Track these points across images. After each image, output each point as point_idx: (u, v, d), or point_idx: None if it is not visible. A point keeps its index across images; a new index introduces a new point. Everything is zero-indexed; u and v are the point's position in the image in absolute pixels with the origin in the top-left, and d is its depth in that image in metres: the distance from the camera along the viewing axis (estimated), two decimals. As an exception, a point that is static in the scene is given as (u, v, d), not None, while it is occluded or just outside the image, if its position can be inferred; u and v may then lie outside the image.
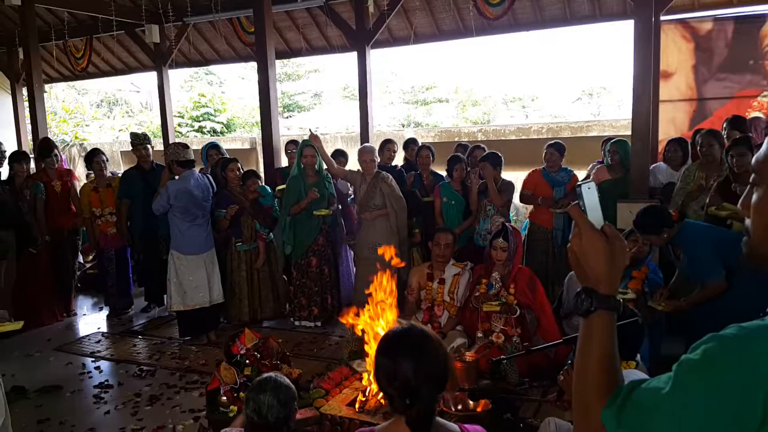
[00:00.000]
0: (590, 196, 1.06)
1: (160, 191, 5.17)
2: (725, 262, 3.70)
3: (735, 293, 3.60)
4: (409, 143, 6.51)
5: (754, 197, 0.95)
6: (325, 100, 20.94)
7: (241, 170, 5.73)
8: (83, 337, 5.64)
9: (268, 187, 5.81)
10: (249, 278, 5.65)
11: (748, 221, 0.97)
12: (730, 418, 0.83)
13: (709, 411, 0.84)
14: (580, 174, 5.91)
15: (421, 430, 1.56)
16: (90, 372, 4.75)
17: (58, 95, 17.57)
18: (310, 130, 5.54)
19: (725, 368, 0.83)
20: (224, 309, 5.64)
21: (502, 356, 3.48)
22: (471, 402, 3.29)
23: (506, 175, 5.56)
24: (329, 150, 6.25)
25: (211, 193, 5.37)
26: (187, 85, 20.66)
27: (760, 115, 5.73)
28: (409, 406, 1.56)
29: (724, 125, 5.02)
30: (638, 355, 2.78)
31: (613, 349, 1.01)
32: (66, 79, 11.16)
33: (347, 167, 6.03)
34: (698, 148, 4.74)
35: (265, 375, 2.30)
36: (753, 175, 0.96)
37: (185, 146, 5.26)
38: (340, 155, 6.26)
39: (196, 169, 5.42)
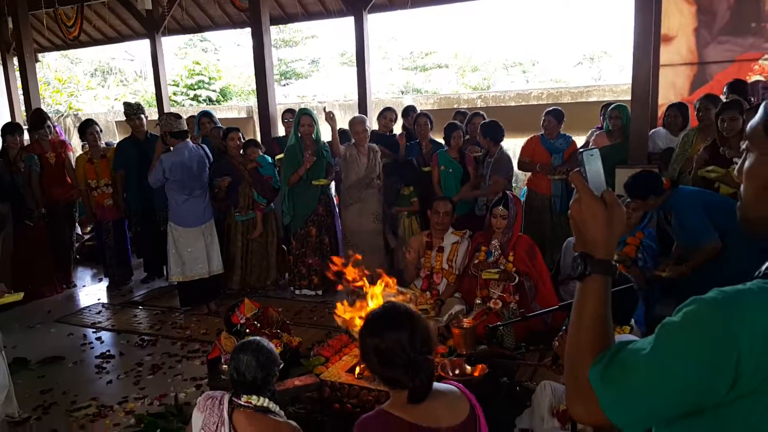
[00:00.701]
0: (592, 163, 1.06)
1: (155, 164, 5.12)
2: (716, 224, 3.74)
3: (729, 257, 3.62)
4: (408, 111, 6.44)
5: (746, 163, 0.97)
6: (323, 67, 20.69)
7: (242, 139, 5.69)
8: (84, 309, 5.67)
9: (268, 157, 5.77)
10: (245, 248, 5.67)
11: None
12: (704, 378, 0.86)
13: (684, 371, 0.87)
14: (579, 140, 5.86)
15: (422, 398, 1.59)
16: (91, 343, 4.79)
17: (51, 65, 17.32)
18: (325, 110, 5.47)
19: (702, 330, 0.86)
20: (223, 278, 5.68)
21: (499, 323, 3.50)
22: (468, 367, 3.33)
23: (506, 142, 5.50)
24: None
25: (207, 165, 5.32)
26: (181, 52, 20.37)
27: (762, 78, 5.66)
28: (413, 379, 1.57)
29: (725, 89, 4.96)
30: (633, 320, 2.80)
31: (607, 312, 1.04)
32: (58, 48, 10.98)
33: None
34: (696, 113, 4.71)
35: (251, 338, 2.34)
36: (746, 142, 0.98)
37: (177, 116, 5.18)
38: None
39: (190, 141, 5.36)
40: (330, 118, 5.35)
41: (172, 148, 5.10)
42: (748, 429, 0.88)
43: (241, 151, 5.66)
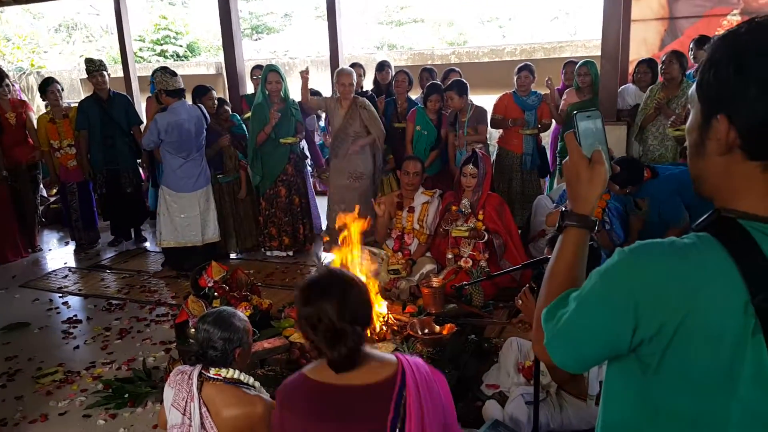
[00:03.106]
0: (585, 124, 1.12)
1: (148, 125, 4.89)
2: (686, 201, 3.81)
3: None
4: (383, 65, 6.28)
5: (687, 122, 1.00)
6: (296, 21, 20.14)
7: (215, 100, 5.52)
8: (50, 273, 5.57)
9: (237, 115, 5.63)
10: (234, 211, 5.59)
11: None
12: (609, 321, 0.94)
13: (596, 314, 0.96)
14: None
15: (343, 368, 1.54)
16: (58, 307, 4.72)
17: (11, 20, 16.60)
18: (304, 70, 5.26)
19: (610, 277, 0.94)
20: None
21: (464, 282, 3.52)
22: (437, 327, 3.36)
23: (480, 98, 5.43)
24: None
25: (204, 126, 5.09)
26: (148, 5, 19.63)
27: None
28: (332, 349, 1.51)
29: (691, 45, 4.95)
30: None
31: (579, 262, 1.11)
32: (17, 2, 10.44)
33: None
34: (660, 67, 4.74)
35: (217, 308, 2.29)
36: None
37: (173, 73, 4.89)
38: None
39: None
40: (304, 77, 5.18)
41: (166, 109, 4.86)
42: (667, 373, 0.93)
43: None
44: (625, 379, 1.00)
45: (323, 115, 5.74)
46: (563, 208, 1.16)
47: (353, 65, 6.04)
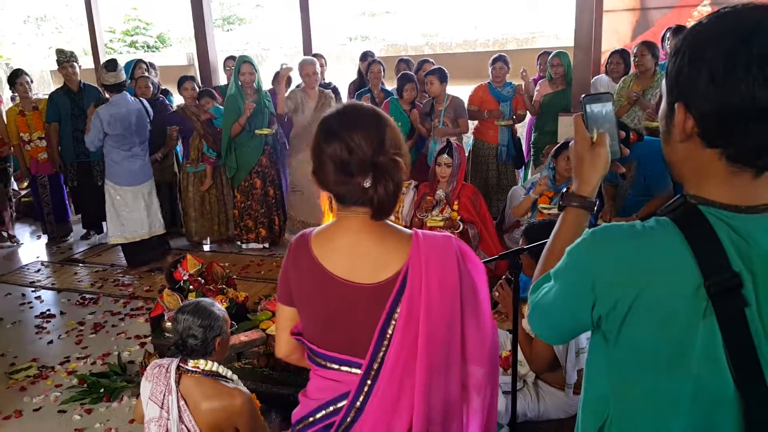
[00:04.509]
0: (593, 108, 1.17)
1: (89, 124, 4.84)
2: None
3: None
4: (366, 56, 6.20)
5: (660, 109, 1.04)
6: (268, 11, 19.90)
7: (196, 89, 5.50)
8: (22, 267, 5.47)
9: (222, 108, 5.58)
10: (198, 200, 5.56)
11: None
12: (572, 295, 1.01)
13: (561, 289, 1.03)
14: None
15: (388, 212, 1.33)
16: (31, 302, 4.65)
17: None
18: (282, 66, 5.20)
19: (575, 255, 1.01)
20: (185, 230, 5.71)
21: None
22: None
23: (454, 89, 5.44)
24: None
25: (147, 119, 5.06)
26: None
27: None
28: (375, 187, 1.27)
29: (668, 35, 5.01)
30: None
31: None
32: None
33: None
34: (633, 58, 4.79)
35: (193, 299, 2.27)
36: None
37: (112, 68, 4.81)
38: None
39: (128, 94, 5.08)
40: (283, 74, 5.12)
41: (108, 101, 4.83)
42: (624, 348, 0.99)
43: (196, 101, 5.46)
44: (597, 354, 1.07)
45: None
46: (563, 191, 1.21)
47: (314, 55, 5.97)
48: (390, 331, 1.32)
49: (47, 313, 4.40)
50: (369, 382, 1.35)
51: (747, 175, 0.92)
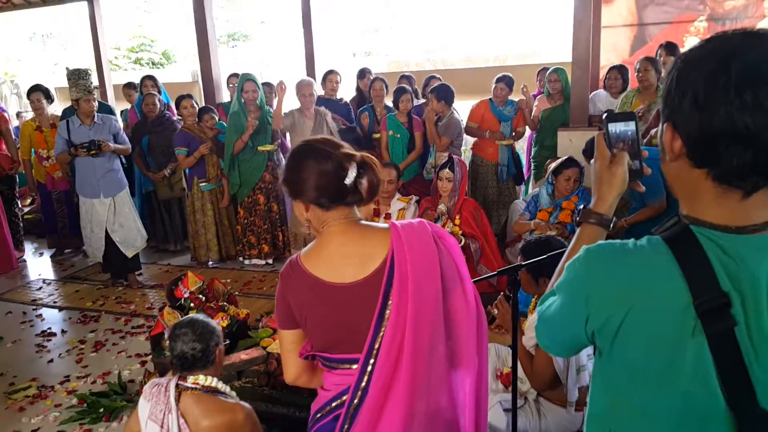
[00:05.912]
0: (615, 127, 1.18)
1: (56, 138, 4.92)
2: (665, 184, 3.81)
3: (670, 215, 3.73)
4: (363, 73, 6.25)
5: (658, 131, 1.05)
6: (272, 28, 20.07)
7: (195, 106, 5.50)
8: (24, 285, 5.48)
9: (224, 123, 5.61)
10: (217, 218, 5.56)
11: None
12: (568, 310, 1.04)
13: (561, 302, 1.06)
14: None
15: (376, 193, 1.57)
16: (32, 320, 4.65)
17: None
18: (280, 83, 5.20)
19: (571, 271, 1.03)
20: (193, 251, 5.66)
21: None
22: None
23: (456, 105, 5.45)
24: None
25: (119, 129, 5.06)
26: (124, 14, 19.41)
27: (698, 40, 5.78)
28: (359, 177, 1.51)
29: (659, 51, 5.04)
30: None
31: None
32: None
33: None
34: (636, 74, 4.79)
35: (191, 315, 2.27)
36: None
37: (77, 79, 4.87)
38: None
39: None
40: (280, 89, 5.15)
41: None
42: (617, 363, 1.01)
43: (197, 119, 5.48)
44: (596, 370, 1.10)
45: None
46: (581, 207, 1.24)
47: (329, 72, 5.99)
48: (387, 313, 1.44)
49: (48, 331, 4.39)
50: (372, 361, 1.46)
51: (736, 195, 0.93)
